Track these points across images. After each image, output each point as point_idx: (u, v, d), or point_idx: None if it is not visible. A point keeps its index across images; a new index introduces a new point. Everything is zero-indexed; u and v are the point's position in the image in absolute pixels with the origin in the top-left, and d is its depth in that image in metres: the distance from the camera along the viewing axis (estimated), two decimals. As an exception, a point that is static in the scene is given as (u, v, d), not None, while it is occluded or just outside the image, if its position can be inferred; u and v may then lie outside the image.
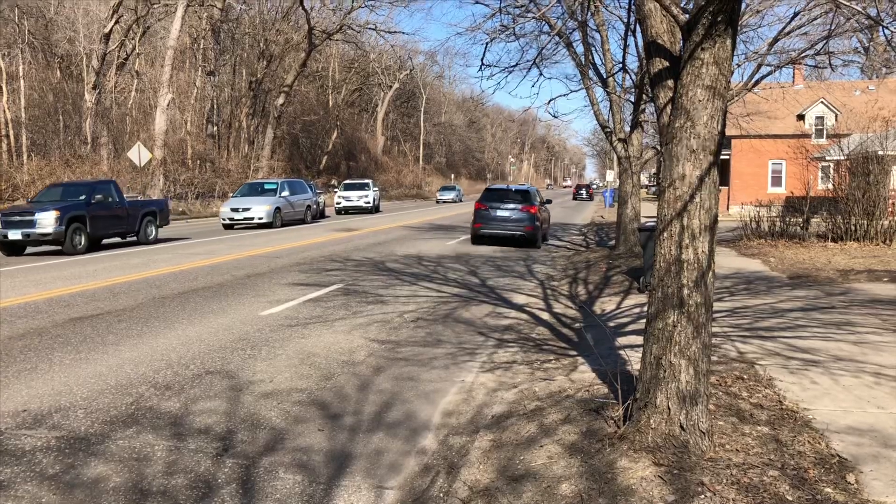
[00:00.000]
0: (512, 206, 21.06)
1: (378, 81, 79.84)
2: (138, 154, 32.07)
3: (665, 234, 4.81)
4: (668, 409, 4.78)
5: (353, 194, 41.16)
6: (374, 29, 54.18)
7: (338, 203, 41.26)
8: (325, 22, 52.41)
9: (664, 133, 4.98)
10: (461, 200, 65.39)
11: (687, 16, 4.68)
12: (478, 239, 21.66)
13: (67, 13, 44.29)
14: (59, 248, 18.23)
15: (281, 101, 51.44)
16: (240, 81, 55.66)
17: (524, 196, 21.53)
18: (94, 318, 9.94)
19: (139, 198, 25.44)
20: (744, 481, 4.39)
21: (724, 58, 4.58)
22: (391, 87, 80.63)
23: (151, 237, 21.26)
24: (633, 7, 12.66)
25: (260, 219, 27.41)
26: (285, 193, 29.77)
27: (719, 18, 4.45)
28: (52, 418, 5.96)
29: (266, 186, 30.20)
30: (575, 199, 75.09)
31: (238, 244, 21.25)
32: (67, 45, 44.18)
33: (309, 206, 31.90)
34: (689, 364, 4.75)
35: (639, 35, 15.80)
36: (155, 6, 43.87)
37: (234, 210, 27.79)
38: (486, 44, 10.00)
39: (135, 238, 20.90)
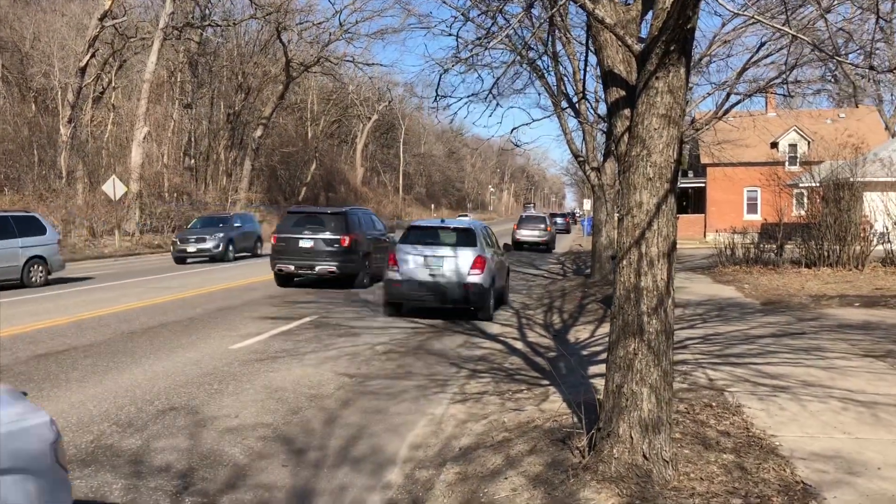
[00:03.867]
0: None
1: (357, 113, 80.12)
2: (113, 188, 31.85)
3: (624, 262, 4.81)
4: (631, 438, 4.74)
5: None
6: (351, 61, 54.50)
7: None
8: (302, 54, 52.59)
9: (622, 161, 5.00)
10: None
11: (641, 46, 4.73)
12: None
13: (43, 47, 44.13)
14: None
15: (259, 133, 51.44)
16: (218, 114, 55.61)
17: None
18: None
19: None
20: (707, 511, 4.35)
21: (678, 86, 4.62)
22: (370, 118, 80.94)
23: None
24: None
25: None
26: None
27: (672, 48, 4.50)
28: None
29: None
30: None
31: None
32: (43, 79, 44.01)
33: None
34: (650, 392, 4.73)
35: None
36: (131, 40, 43.89)
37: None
38: (441, 74, 10.11)
39: None
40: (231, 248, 26.79)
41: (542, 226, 35.72)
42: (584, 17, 16.66)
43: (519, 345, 10.94)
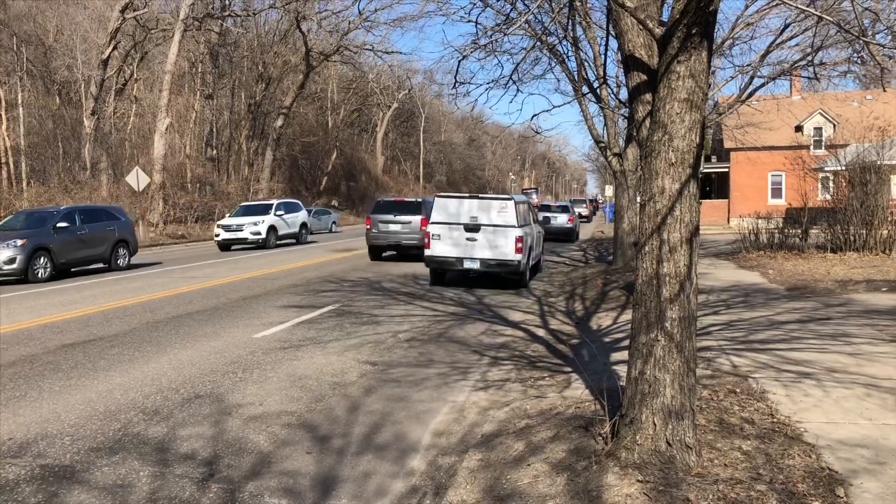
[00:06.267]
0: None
1: (377, 101, 79.98)
2: (137, 179, 32.14)
3: (646, 249, 4.77)
4: (654, 424, 4.72)
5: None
6: (371, 50, 54.39)
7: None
8: (322, 44, 52.64)
9: (644, 147, 4.96)
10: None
11: (662, 29, 4.68)
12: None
13: (66, 40, 44.53)
14: None
15: (280, 122, 51.60)
16: (238, 104, 55.83)
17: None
18: None
19: None
20: (731, 497, 4.33)
21: (700, 70, 4.57)
22: (390, 106, 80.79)
23: None
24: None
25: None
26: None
27: (694, 31, 4.44)
28: (37, 446, 5.91)
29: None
30: None
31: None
32: (66, 72, 44.41)
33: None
34: (673, 379, 4.70)
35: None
36: (153, 31, 44.17)
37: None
38: (459, 61, 10.02)
39: None
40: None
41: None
42: (604, 0, 16.50)
43: (541, 332, 10.93)
